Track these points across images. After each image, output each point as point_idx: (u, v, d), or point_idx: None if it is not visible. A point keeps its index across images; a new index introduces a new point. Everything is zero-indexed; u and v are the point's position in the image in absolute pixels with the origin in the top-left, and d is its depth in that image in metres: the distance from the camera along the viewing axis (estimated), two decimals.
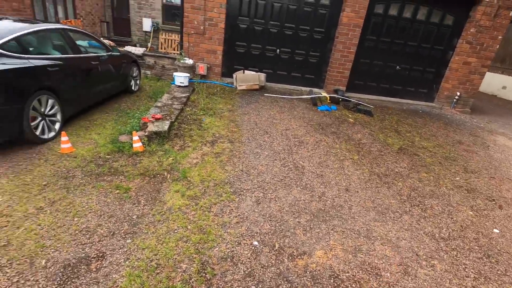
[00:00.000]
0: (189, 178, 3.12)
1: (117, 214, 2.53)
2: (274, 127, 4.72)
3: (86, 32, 4.95)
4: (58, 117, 3.93)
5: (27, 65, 3.39)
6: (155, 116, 4.11)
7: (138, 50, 7.79)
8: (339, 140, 4.60)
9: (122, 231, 2.35)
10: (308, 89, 7.11)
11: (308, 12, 6.76)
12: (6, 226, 2.28)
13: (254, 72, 6.72)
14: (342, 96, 6.64)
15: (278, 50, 7.04)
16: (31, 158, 3.29)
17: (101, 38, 10.57)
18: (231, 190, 3.00)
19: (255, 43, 6.92)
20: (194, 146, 3.76)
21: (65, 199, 2.64)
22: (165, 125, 3.85)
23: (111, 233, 2.32)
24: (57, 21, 9.80)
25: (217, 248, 2.28)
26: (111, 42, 8.12)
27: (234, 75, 6.54)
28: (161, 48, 12.21)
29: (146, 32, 12.52)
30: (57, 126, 3.91)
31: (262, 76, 6.63)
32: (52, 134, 3.81)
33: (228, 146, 3.89)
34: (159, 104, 4.63)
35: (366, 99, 7.24)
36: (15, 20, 3.92)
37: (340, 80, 7.16)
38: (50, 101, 3.74)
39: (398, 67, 7.53)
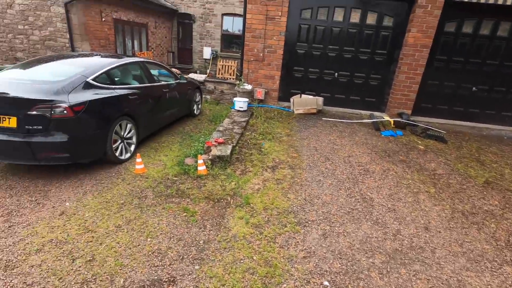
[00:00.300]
0: (252, 204, 3.09)
1: (185, 237, 2.59)
2: (335, 153, 4.52)
3: (159, 63, 5.50)
4: (134, 139, 4.32)
5: (114, 95, 3.84)
6: (218, 140, 4.26)
7: (200, 77, 8.39)
8: (410, 170, 4.18)
9: (190, 256, 2.37)
10: (368, 112, 6.76)
11: (369, 34, 6.57)
12: (91, 241, 2.48)
13: (311, 96, 6.66)
14: (408, 120, 6.14)
15: (336, 74, 6.92)
16: (111, 177, 3.63)
17: (168, 67, 11.74)
18: (295, 221, 2.86)
19: (312, 67, 6.92)
20: (255, 172, 3.76)
21: (139, 219, 2.80)
22: (227, 150, 3.95)
23: (180, 257, 2.36)
24: (133, 54, 11.20)
25: (285, 285, 2.14)
26: (177, 70, 8.93)
27: (291, 99, 6.57)
28: (219, 74, 13.01)
29: (206, 59, 13.55)
30: (132, 148, 4.30)
31: (320, 100, 6.53)
32: (128, 155, 4.19)
33: (289, 172, 3.81)
34: (220, 129, 4.82)
35: (435, 123, 6.58)
36: (104, 56, 4.54)
37: (404, 103, 6.67)
38: (129, 126, 4.15)
39: (474, 88, 6.75)
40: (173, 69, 8.75)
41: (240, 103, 5.88)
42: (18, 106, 3.12)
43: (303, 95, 6.67)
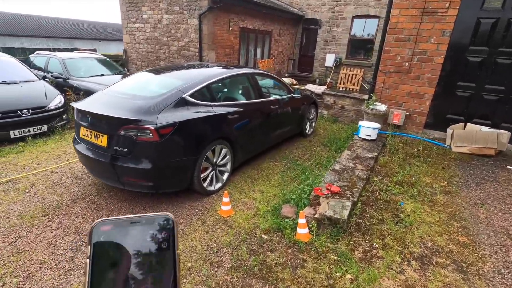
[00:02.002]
0: None
1: None
2: None
3: (271, 74, 4.65)
4: (228, 167, 3.58)
5: (210, 114, 3.17)
6: (331, 187, 2.96)
7: (318, 89, 7.21)
8: None
9: None
10: None
11: None
12: None
13: (486, 128, 4.34)
14: None
15: None
16: (192, 214, 2.96)
17: (286, 75, 11.09)
18: None
19: (493, 84, 4.53)
20: (388, 261, 2.26)
21: None
22: (344, 210, 2.61)
23: None
24: (255, 61, 11.14)
25: None
26: (294, 80, 8.09)
27: (449, 130, 4.46)
28: (340, 83, 11.49)
29: (327, 67, 12.27)
30: (225, 176, 3.58)
31: (505, 135, 4.14)
32: (218, 185, 3.48)
33: (456, 279, 2.11)
34: (337, 167, 3.48)
35: None
36: (212, 67, 3.97)
37: None
38: (224, 151, 3.43)
39: None
40: (287, 80, 7.93)
41: (368, 130, 4.32)
42: (109, 125, 2.81)
43: (469, 125, 4.44)
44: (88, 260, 0.30)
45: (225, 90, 3.98)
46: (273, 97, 4.48)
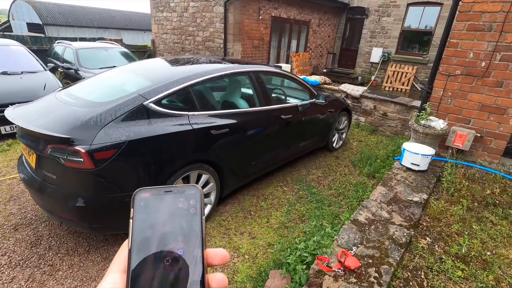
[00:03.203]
0: None
1: None
2: None
3: (286, 73, 3.58)
4: (211, 197, 2.69)
5: (182, 129, 2.27)
6: (346, 258, 1.88)
7: (356, 90, 5.91)
8: None
9: None
10: None
11: None
12: None
13: None
14: None
15: None
16: None
17: (324, 70, 9.74)
18: None
19: None
20: None
21: None
22: None
23: None
24: (288, 55, 9.99)
25: None
26: (326, 79, 6.82)
27: None
28: (386, 82, 9.87)
29: (372, 63, 10.64)
30: (206, 210, 2.68)
31: None
32: None
33: None
34: (361, 216, 2.34)
35: None
36: (201, 62, 2.99)
37: None
38: (204, 177, 2.53)
39: None
40: (320, 78, 6.71)
41: (416, 157, 3.03)
42: (37, 141, 2.05)
43: None
44: (131, 220, 0.36)
45: (216, 94, 3.06)
46: (287, 103, 3.45)
